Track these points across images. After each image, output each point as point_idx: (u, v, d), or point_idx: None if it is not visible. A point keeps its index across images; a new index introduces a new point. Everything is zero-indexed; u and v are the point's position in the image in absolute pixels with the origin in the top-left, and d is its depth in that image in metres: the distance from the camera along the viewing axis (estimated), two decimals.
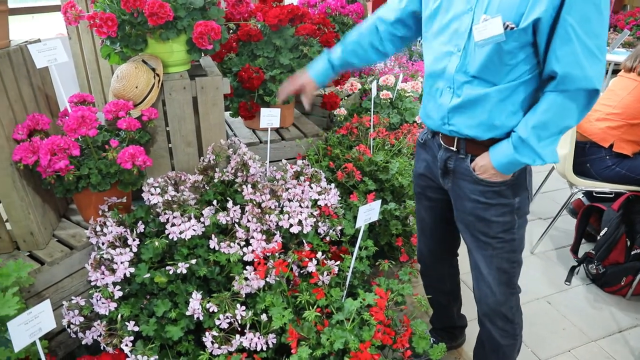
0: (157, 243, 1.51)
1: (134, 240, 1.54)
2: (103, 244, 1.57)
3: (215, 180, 1.83)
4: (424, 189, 1.58)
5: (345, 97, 2.83)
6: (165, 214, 1.63)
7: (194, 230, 1.56)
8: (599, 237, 2.45)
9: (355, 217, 1.81)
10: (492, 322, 1.52)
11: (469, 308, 1.85)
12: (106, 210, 1.69)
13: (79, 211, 1.81)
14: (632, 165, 2.41)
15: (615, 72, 3.34)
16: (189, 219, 1.60)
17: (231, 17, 1.84)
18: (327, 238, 1.77)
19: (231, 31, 2.18)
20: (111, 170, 1.59)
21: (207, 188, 1.84)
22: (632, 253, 2.35)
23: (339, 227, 1.79)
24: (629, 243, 2.38)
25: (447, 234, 1.66)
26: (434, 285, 1.80)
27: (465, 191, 1.38)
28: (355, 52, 1.58)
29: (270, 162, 2.06)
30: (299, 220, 1.63)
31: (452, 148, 1.37)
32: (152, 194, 1.65)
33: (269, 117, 1.86)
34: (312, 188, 1.78)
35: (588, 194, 2.78)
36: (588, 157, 2.48)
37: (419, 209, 1.67)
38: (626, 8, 10.71)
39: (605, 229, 2.43)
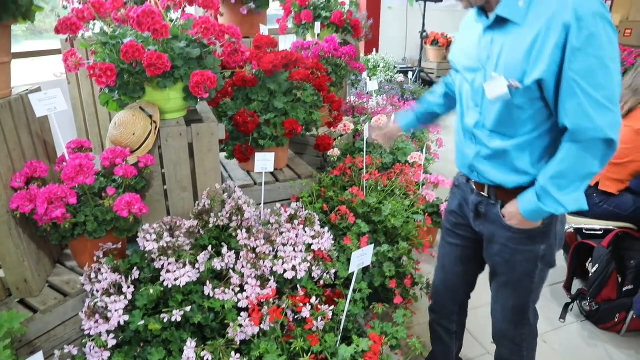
0: (151, 290, 1.52)
1: (128, 287, 1.55)
2: (97, 291, 1.58)
3: (211, 225, 1.85)
4: (455, 226, 1.62)
5: (339, 137, 2.89)
6: (160, 260, 1.64)
7: (189, 276, 1.57)
8: (590, 274, 2.48)
9: (349, 260, 1.83)
10: (501, 344, 1.64)
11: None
12: (101, 256, 1.70)
13: (74, 257, 1.82)
14: (619, 202, 2.46)
15: None
16: (184, 265, 1.61)
17: (227, 64, 1.90)
18: (322, 282, 1.79)
19: (226, 77, 2.24)
20: (107, 217, 1.62)
21: (202, 233, 1.85)
22: (624, 289, 2.37)
23: (333, 270, 1.80)
24: (620, 279, 2.40)
25: (467, 273, 1.69)
26: (441, 323, 1.81)
27: (495, 235, 1.43)
28: (433, 104, 1.71)
29: (265, 203, 2.09)
30: (293, 265, 1.64)
31: (483, 193, 1.42)
32: (147, 241, 1.67)
33: (264, 162, 1.90)
34: (306, 232, 1.81)
35: (578, 230, 2.82)
36: None
37: (444, 244, 1.70)
38: None
39: (596, 265, 2.45)
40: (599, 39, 1.06)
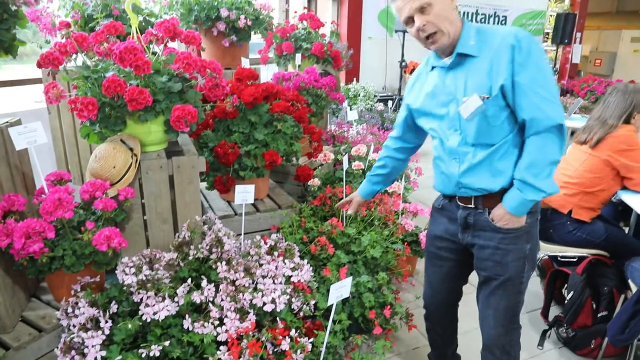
0: (130, 325, 1.51)
1: (106, 322, 1.54)
2: (74, 326, 1.56)
3: (190, 257, 1.85)
4: (439, 249, 1.76)
5: (319, 167, 2.93)
6: (139, 293, 1.63)
7: (168, 310, 1.57)
8: (566, 301, 2.52)
9: (329, 290, 1.84)
10: (492, 352, 1.71)
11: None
12: (79, 290, 1.68)
13: (51, 291, 1.80)
14: (591, 229, 2.53)
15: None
16: (163, 298, 1.60)
17: (208, 98, 1.93)
18: (301, 313, 1.79)
19: (207, 110, 2.28)
20: (86, 251, 1.61)
21: (182, 265, 1.85)
22: (599, 315, 2.42)
23: (313, 302, 1.81)
24: (594, 306, 2.45)
25: (453, 290, 1.86)
26: (435, 330, 1.97)
27: (485, 240, 1.58)
28: (383, 167, 1.89)
29: (245, 234, 2.10)
30: (273, 298, 1.65)
31: (470, 205, 1.58)
32: (126, 274, 1.66)
33: (244, 194, 1.92)
34: (285, 264, 1.82)
35: (554, 258, 2.88)
36: (551, 223, 2.60)
37: (428, 266, 1.85)
38: (580, 74, 11.44)
39: (572, 292, 2.50)
40: (534, 53, 1.39)
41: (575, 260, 2.68)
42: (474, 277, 1.79)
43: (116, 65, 1.79)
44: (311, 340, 1.62)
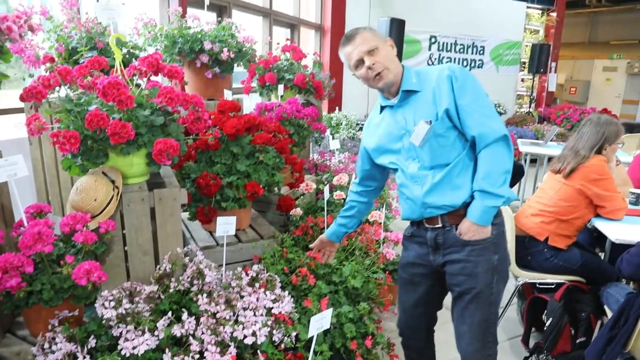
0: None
1: (84, 357, 1.52)
2: None
3: (171, 290, 1.85)
4: (412, 275, 1.84)
5: (301, 196, 2.95)
6: (118, 327, 1.62)
7: (148, 344, 1.55)
8: (545, 327, 2.56)
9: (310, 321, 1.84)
10: None
11: None
12: (56, 324, 1.66)
13: (27, 326, 1.77)
14: (568, 256, 2.59)
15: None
16: (143, 332, 1.59)
17: (190, 131, 1.96)
18: (282, 345, 1.79)
19: (189, 142, 2.30)
20: (65, 285, 1.60)
21: (163, 297, 1.84)
22: (577, 341, 2.46)
23: (294, 333, 1.81)
24: (573, 332, 2.49)
25: (427, 315, 1.92)
26: (412, 356, 2.02)
27: (455, 256, 1.69)
28: (349, 211, 1.99)
29: (227, 264, 2.10)
30: (253, 330, 1.65)
31: (437, 225, 1.70)
32: (105, 308, 1.65)
33: (225, 225, 1.93)
34: (266, 295, 1.83)
35: (533, 284, 2.93)
36: (528, 250, 2.66)
37: (402, 293, 1.92)
38: (556, 101, 11.79)
39: (551, 319, 2.54)
40: (469, 79, 1.62)
41: (553, 287, 2.72)
42: (449, 302, 1.83)
43: (99, 98, 1.82)
44: None
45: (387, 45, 1.67)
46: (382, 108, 1.77)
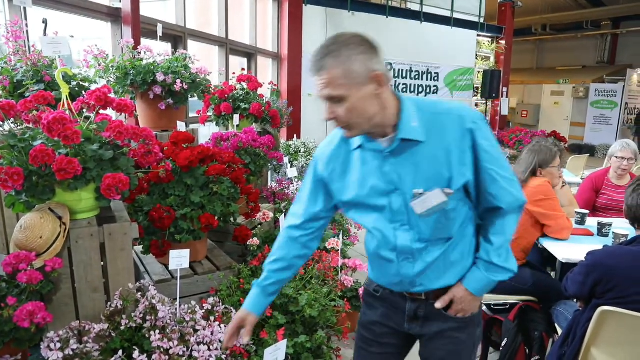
0: None
1: None
2: None
3: (123, 327, 1.79)
4: (378, 336, 1.53)
5: (259, 225, 2.94)
6: None
7: None
8: (501, 348, 2.61)
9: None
10: None
11: None
12: None
13: None
14: (518, 276, 2.66)
15: None
16: None
17: (140, 164, 1.94)
18: None
19: (141, 176, 2.27)
20: (6, 328, 1.53)
21: (114, 335, 1.79)
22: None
23: None
24: (527, 351, 2.55)
25: None
26: None
27: (437, 330, 1.44)
28: (283, 270, 1.50)
29: (182, 298, 2.06)
30: None
31: (420, 298, 1.42)
32: (51, 349, 1.59)
33: (178, 259, 1.91)
34: (221, 328, 1.80)
35: (488, 305, 2.99)
36: None
37: (363, 355, 1.58)
38: (509, 124, 12.30)
39: (506, 339, 2.60)
40: (489, 133, 1.30)
41: (507, 307, 2.80)
42: None
43: (45, 134, 1.78)
44: None
45: (361, 92, 1.19)
46: (361, 145, 1.34)
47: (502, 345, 2.59)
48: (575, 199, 3.44)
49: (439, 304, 1.40)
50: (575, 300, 2.49)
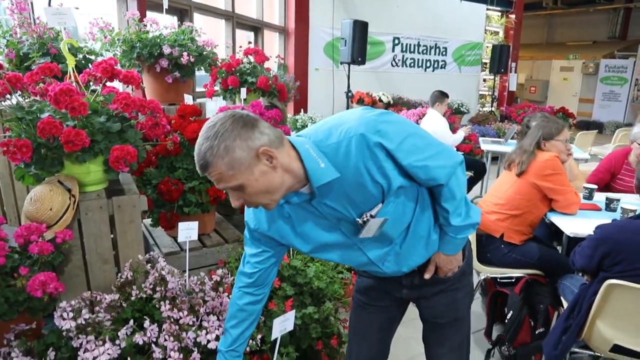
0: None
1: None
2: None
3: (133, 298, 1.82)
4: (375, 299, 1.61)
5: None
6: (78, 338, 1.59)
7: (109, 354, 1.53)
8: (506, 320, 2.64)
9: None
10: None
11: None
12: (12, 339, 1.61)
13: None
14: (524, 250, 2.68)
15: None
16: (104, 342, 1.57)
17: (148, 137, 1.94)
18: (248, 348, 1.79)
19: (149, 148, 2.27)
20: (19, 298, 1.56)
21: (125, 306, 1.82)
22: (537, 332, 2.54)
23: (259, 336, 1.82)
24: (532, 323, 2.58)
25: (384, 342, 1.71)
26: None
27: (435, 291, 1.53)
28: (245, 323, 1.51)
29: (191, 270, 2.08)
30: (217, 335, 1.65)
31: (414, 271, 1.49)
32: (64, 319, 1.61)
33: (187, 231, 1.92)
34: (230, 299, 1.82)
35: (494, 279, 3.01)
36: (487, 248, 2.74)
37: (360, 316, 1.66)
38: (517, 100, 12.15)
39: (511, 311, 2.62)
40: (394, 126, 1.19)
41: (513, 280, 2.81)
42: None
43: (52, 106, 1.78)
44: None
45: (255, 173, 1.13)
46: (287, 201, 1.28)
47: (507, 317, 2.62)
48: (589, 178, 3.41)
49: (427, 275, 1.48)
50: (581, 274, 2.50)
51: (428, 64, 9.17)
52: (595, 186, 3.04)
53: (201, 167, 1.13)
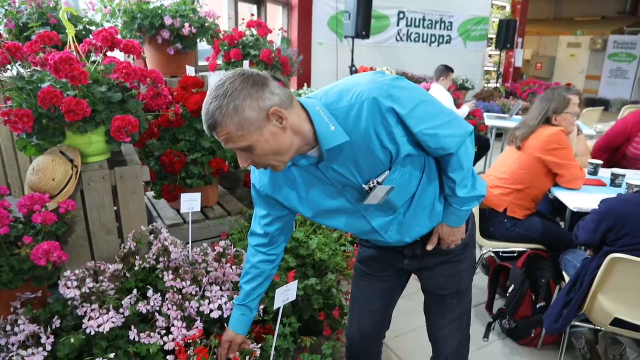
0: (72, 339, 1.48)
1: (48, 338, 1.50)
2: (13, 344, 1.51)
3: (137, 268, 1.83)
4: (377, 270, 1.62)
5: None
6: (83, 306, 1.61)
7: (113, 322, 1.55)
8: (508, 294, 2.66)
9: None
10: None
11: None
12: (19, 307, 1.63)
13: None
14: (527, 225, 2.68)
15: None
16: (108, 310, 1.58)
17: (150, 108, 1.92)
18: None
19: (151, 120, 2.25)
20: (24, 267, 1.57)
21: (128, 276, 1.83)
22: (538, 306, 2.56)
23: (262, 307, 1.83)
24: (534, 297, 2.59)
25: (386, 312, 1.71)
26: None
27: (437, 262, 1.53)
28: (257, 280, 1.56)
29: (194, 242, 2.09)
30: (220, 305, 1.66)
31: (417, 241, 1.48)
32: (68, 288, 1.63)
33: (190, 202, 1.92)
34: (233, 270, 1.83)
35: (496, 253, 3.02)
36: (490, 222, 2.73)
37: (362, 285, 1.67)
38: (523, 77, 11.99)
39: (513, 286, 2.64)
40: (407, 92, 1.17)
41: (515, 255, 2.82)
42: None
43: (53, 75, 1.76)
44: (260, 345, 1.64)
45: (265, 134, 1.10)
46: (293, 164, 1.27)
47: (509, 291, 2.64)
48: (601, 139, 3.36)
49: (429, 247, 1.47)
50: (584, 249, 2.50)
51: (433, 39, 9.04)
52: (600, 162, 3.01)
53: (209, 127, 1.11)
